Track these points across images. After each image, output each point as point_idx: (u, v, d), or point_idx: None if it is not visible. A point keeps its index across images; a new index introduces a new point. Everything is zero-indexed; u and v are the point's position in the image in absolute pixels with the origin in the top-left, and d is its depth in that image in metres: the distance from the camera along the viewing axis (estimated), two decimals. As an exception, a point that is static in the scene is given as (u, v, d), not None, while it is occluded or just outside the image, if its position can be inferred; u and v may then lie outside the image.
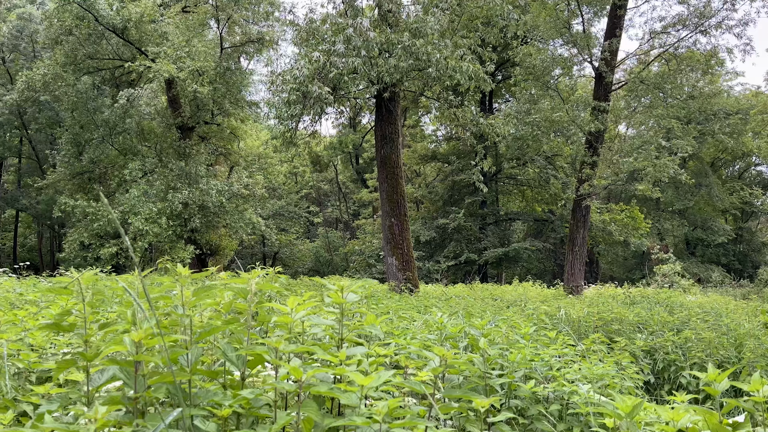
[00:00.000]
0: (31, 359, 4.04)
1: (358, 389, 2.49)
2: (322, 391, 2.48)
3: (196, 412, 2.59)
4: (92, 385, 2.87)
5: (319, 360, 3.17)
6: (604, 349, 6.44)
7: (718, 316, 12.86)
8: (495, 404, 2.93)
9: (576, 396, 4.45)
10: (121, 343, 2.55)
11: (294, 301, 3.02)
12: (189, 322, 2.82)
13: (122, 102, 27.71)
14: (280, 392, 2.99)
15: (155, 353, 2.57)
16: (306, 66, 15.54)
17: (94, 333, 2.88)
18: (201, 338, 2.86)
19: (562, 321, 9.16)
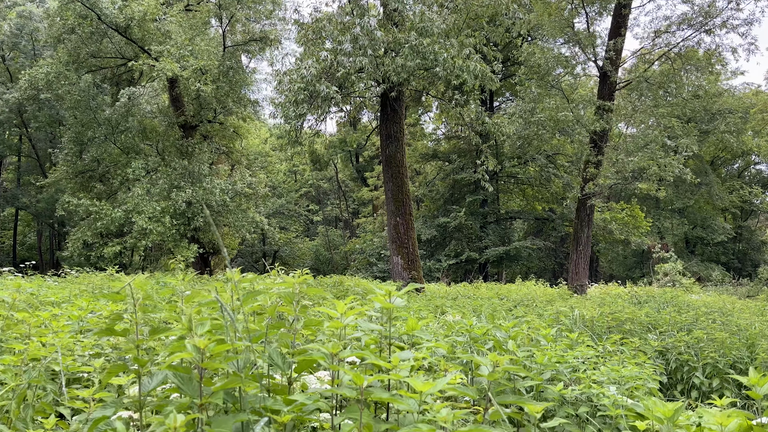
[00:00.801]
0: (68, 362, 4.04)
1: (418, 396, 2.50)
2: (384, 398, 2.49)
3: (255, 416, 2.59)
4: (143, 389, 2.88)
5: (369, 365, 3.17)
6: (626, 350, 6.45)
7: (725, 315, 12.88)
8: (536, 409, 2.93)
9: (605, 398, 4.45)
10: (182, 349, 2.55)
11: (343, 306, 3.03)
12: (244, 327, 2.82)
13: (124, 100, 27.67)
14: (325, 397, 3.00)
15: (213, 359, 2.56)
16: (314, 65, 15.54)
17: (144, 339, 2.88)
18: (256, 341, 2.87)
19: (577, 321, 9.16)
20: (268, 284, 3.30)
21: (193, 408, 2.81)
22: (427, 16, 16.65)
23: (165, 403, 2.82)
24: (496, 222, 46.20)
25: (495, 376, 2.74)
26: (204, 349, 2.38)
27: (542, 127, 20.65)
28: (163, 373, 2.86)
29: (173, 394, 3.05)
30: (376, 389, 2.63)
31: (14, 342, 4.38)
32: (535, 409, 2.67)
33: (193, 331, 2.67)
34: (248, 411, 2.64)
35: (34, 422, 3.64)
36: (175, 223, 26.13)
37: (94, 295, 8.50)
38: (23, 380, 3.63)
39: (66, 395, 3.45)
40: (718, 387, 9.24)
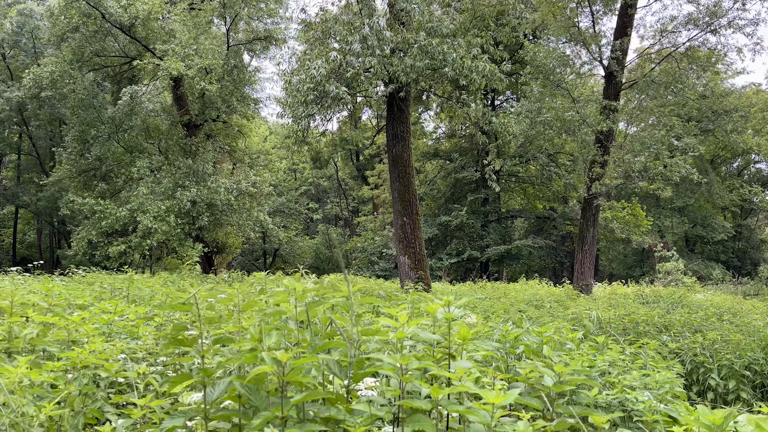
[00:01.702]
0: (114, 369, 4.06)
1: (490, 407, 2.52)
2: (460, 410, 2.50)
3: (321, 426, 2.61)
4: (207, 399, 2.89)
5: (427, 374, 3.18)
6: (651, 354, 6.47)
7: (736, 316, 12.92)
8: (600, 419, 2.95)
9: (640, 404, 4.44)
10: (254, 360, 2.57)
11: (405, 316, 3.04)
12: (308, 337, 2.84)
13: (126, 99, 27.64)
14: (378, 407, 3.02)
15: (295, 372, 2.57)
16: (323, 65, 15.53)
17: (208, 349, 2.89)
18: (317, 352, 2.88)
19: (594, 323, 9.19)
20: (334, 294, 3.30)
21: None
22: (435, 16, 16.66)
23: (232, 413, 2.83)
24: (497, 221, 46.24)
25: (563, 388, 2.76)
26: (286, 363, 2.39)
27: (548, 126, 20.68)
28: (225, 382, 2.88)
29: (225, 402, 3.06)
30: (447, 401, 2.65)
31: (54, 344, 4.39)
32: (601, 421, 2.69)
33: (263, 343, 2.68)
34: (318, 421, 2.66)
35: (85, 430, 3.65)
36: (180, 222, 26.11)
37: (130, 300, 8.54)
38: (75, 387, 3.64)
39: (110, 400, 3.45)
40: (734, 389, 9.25)
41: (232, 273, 21.50)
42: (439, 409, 2.58)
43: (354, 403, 2.88)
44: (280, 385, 2.47)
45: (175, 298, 7.53)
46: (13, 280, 14.26)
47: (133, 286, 9.45)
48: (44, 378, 3.41)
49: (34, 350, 4.22)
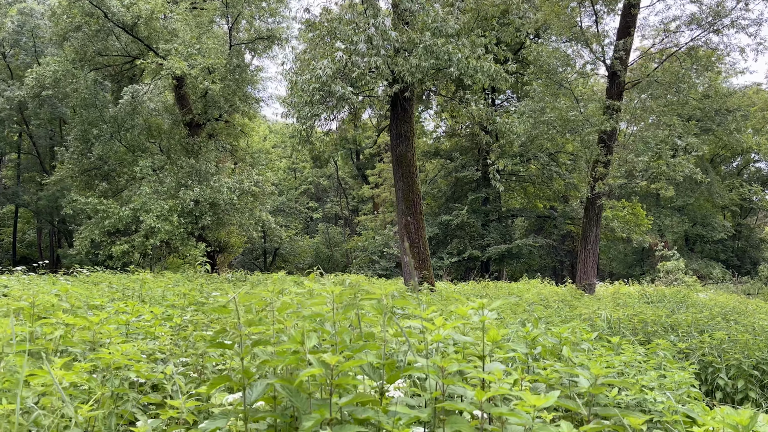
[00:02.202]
0: (143, 369, 4.09)
1: (532, 409, 2.55)
2: (504, 412, 2.54)
3: (361, 427, 2.65)
4: (246, 400, 2.93)
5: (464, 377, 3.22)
6: (668, 354, 6.51)
7: (741, 315, 12.97)
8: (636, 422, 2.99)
9: (659, 404, 4.48)
10: (296, 362, 2.61)
11: (441, 320, 3.08)
12: (342, 340, 2.87)
13: (127, 98, 27.64)
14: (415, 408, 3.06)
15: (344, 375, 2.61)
16: (329, 65, 15.56)
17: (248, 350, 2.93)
18: (355, 353, 2.92)
19: (604, 323, 9.23)
20: (366, 296, 3.33)
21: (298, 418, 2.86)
22: (440, 16, 16.69)
23: (268, 414, 2.87)
24: (498, 220, 46.31)
25: (602, 390, 2.80)
26: (334, 365, 2.43)
27: (552, 126, 20.72)
28: (263, 384, 2.91)
29: (257, 403, 3.10)
30: (487, 403, 2.68)
31: (77, 345, 4.42)
32: (637, 422, 2.73)
33: (305, 345, 2.72)
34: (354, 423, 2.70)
35: (117, 429, 3.68)
36: (183, 221, 26.14)
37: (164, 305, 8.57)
38: (107, 388, 3.68)
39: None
40: (742, 388, 9.29)
41: (235, 273, 21.53)
42: (471, 410, 2.61)
43: (391, 405, 2.91)
44: (328, 388, 2.50)
45: (192, 299, 7.57)
46: (19, 279, 14.30)
47: (145, 286, 9.48)
48: (78, 379, 3.44)
49: (63, 351, 4.25)
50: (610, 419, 2.95)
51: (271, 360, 2.90)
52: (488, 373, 2.88)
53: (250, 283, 18.17)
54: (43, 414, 3.12)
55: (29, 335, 4.92)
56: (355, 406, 2.58)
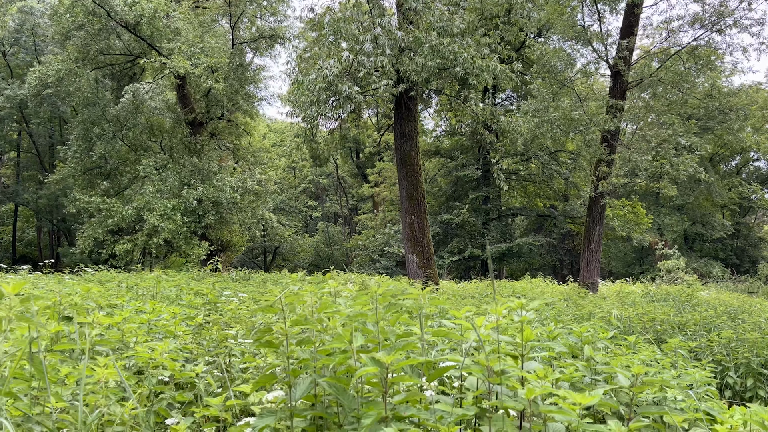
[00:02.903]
0: (177, 367, 4.14)
1: (577, 407, 2.61)
2: (552, 411, 2.59)
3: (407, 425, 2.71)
4: (292, 398, 2.98)
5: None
6: (685, 353, 6.56)
7: (742, 313, 13.04)
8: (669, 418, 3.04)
9: (682, 402, 4.52)
10: (345, 362, 2.66)
11: (482, 319, 3.14)
12: (391, 339, 2.93)
13: (128, 97, 27.65)
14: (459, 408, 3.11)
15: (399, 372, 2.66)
16: (335, 65, 15.61)
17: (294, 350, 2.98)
18: (397, 352, 2.97)
19: (619, 322, 9.29)
20: (405, 296, 3.38)
21: (342, 417, 2.92)
22: (446, 15, 16.75)
23: (315, 412, 2.92)
24: (498, 218, 46.39)
25: (644, 388, 2.85)
26: (389, 364, 2.48)
27: (556, 126, 20.79)
28: (306, 382, 2.96)
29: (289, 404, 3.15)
30: (536, 402, 2.74)
31: (109, 344, 4.47)
32: (678, 420, 2.79)
33: (352, 344, 2.77)
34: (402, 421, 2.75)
35: (156, 426, 3.74)
36: (186, 220, 26.17)
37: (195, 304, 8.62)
38: (146, 387, 3.74)
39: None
40: (751, 386, 9.35)
41: (239, 272, 21.56)
42: (520, 409, 2.67)
43: (434, 403, 2.96)
44: (383, 386, 2.56)
45: (214, 299, 7.64)
46: (25, 278, 14.32)
47: (158, 285, 9.53)
48: (118, 378, 3.50)
49: (90, 350, 4.30)
50: (649, 417, 3.00)
51: (319, 359, 2.95)
52: (528, 371, 2.93)
53: (256, 281, 18.22)
54: (86, 411, 3.17)
55: (54, 335, 4.97)
56: (405, 404, 2.63)
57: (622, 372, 3.03)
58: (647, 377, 2.98)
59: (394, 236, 45.99)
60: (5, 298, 2.38)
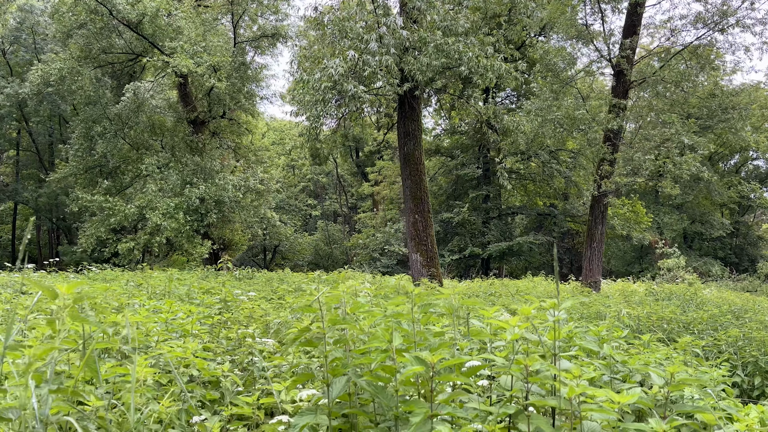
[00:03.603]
0: (205, 366, 4.18)
1: (617, 406, 2.65)
2: (593, 409, 2.63)
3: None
4: (330, 397, 3.02)
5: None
6: (699, 353, 6.61)
7: (746, 312, 13.10)
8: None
9: (700, 401, 4.55)
10: (384, 360, 2.70)
11: (516, 320, 3.18)
12: (429, 338, 2.98)
13: (129, 95, 27.66)
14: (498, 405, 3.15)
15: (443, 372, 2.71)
16: (341, 65, 15.63)
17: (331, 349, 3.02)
18: (437, 350, 3.01)
19: (628, 321, 9.34)
20: (437, 297, 3.42)
21: (387, 418, 2.96)
22: (450, 15, 16.78)
23: (354, 411, 2.96)
24: (498, 217, 46.44)
25: (680, 387, 2.89)
26: (435, 364, 2.52)
27: (559, 125, 20.84)
28: (342, 381, 3.00)
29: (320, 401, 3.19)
30: (575, 401, 2.77)
31: (137, 342, 4.50)
32: (711, 419, 2.83)
33: (392, 344, 2.81)
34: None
35: (189, 424, 3.77)
36: (189, 219, 26.19)
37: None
38: (177, 385, 3.77)
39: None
40: (759, 385, 9.39)
41: (241, 270, 21.56)
42: (562, 408, 2.71)
43: (468, 401, 3.01)
44: (429, 384, 2.60)
45: (231, 298, 7.67)
46: (30, 278, 14.33)
47: (170, 284, 9.56)
48: (154, 376, 3.54)
49: (120, 350, 4.34)
50: (681, 415, 3.05)
51: (355, 358, 2.99)
52: (563, 371, 2.97)
53: (260, 280, 18.24)
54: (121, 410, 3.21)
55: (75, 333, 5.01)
56: (451, 403, 2.68)
57: (655, 371, 3.07)
58: (682, 376, 3.02)
59: (395, 235, 46.03)
60: (60, 298, 2.41)
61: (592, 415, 2.69)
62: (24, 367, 2.05)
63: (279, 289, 10.85)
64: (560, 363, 3.24)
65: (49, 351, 2.16)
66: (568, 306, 3.28)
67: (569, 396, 2.60)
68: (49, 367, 2.17)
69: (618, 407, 2.66)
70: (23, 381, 2.10)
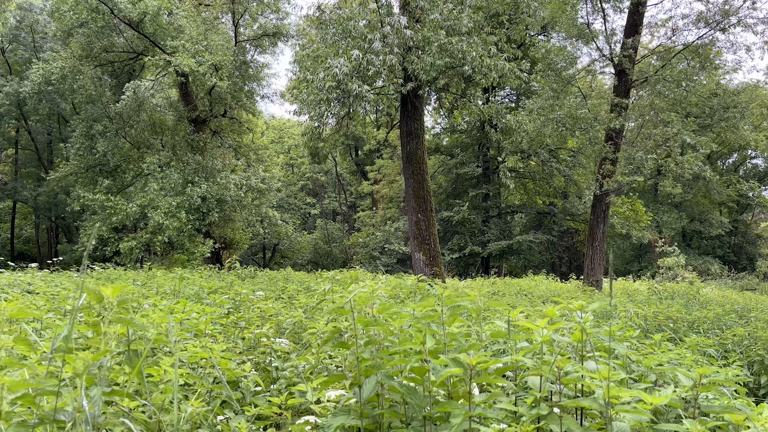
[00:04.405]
0: (228, 366, 4.21)
1: (651, 407, 2.69)
2: (627, 409, 2.67)
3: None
4: (361, 397, 3.05)
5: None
6: (713, 353, 6.65)
7: (751, 311, 13.16)
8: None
9: (716, 401, 4.57)
10: (419, 361, 2.74)
11: (544, 322, 3.21)
12: (460, 341, 3.01)
13: (129, 94, 27.66)
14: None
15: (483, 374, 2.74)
16: (345, 64, 15.65)
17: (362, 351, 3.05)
18: (462, 353, 3.04)
19: (639, 320, 9.37)
20: (462, 299, 3.44)
21: (416, 418, 2.99)
22: (454, 14, 16.80)
23: (386, 412, 2.99)
24: (498, 216, 46.49)
25: (711, 388, 2.92)
26: (474, 365, 2.55)
27: (562, 124, 20.89)
28: (372, 382, 3.03)
29: (347, 402, 3.22)
30: (608, 402, 2.81)
31: (160, 342, 4.53)
32: (740, 419, 2.86)
33: (425, 346, 2.84)
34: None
35: (213, 424, 3.80)
36: (191, 218, 26.20)
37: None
38: (205, 385, 3.80)
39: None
40: (765, 384, 9.43)
41: (244, 269, 21.57)
42: (598, 409, 2.74)
43: (496, 402, 3.03)
44: (467, 386, 2.63)
45: (246, 297, 7.70)
46: (34, 276, 14.34)
47: (181, 283, 9.58)
48: (184, 377, 3.57)
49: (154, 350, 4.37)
50: (709, 416, 3.08)
51: (383, 359, 3.02)
52: (593, 372, 3.00)
53: (263, 279, 18.26)
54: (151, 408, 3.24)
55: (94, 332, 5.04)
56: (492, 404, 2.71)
57: (683, 372, 3.10)
58: (710, 377, 3.05)
59: (395, 233, 46.07)
60: (106, 300, 2.44)
61: (625, 416, 2.72)
62: (82, 369, 2.07)
63: (288, 288, 10.86)
64: (588, 364, 3.28)
65: (103, 354, 2.19)
66: (595, 308, 3.31)
67: (605, 397, 2.63)
68: (100, 370, 2.20)
69: (651, 408, 2.69)
70: (73, 384, 2.13)
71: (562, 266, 55.45)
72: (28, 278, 12.90)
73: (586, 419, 3.22)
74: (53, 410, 1.97)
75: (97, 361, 2.15)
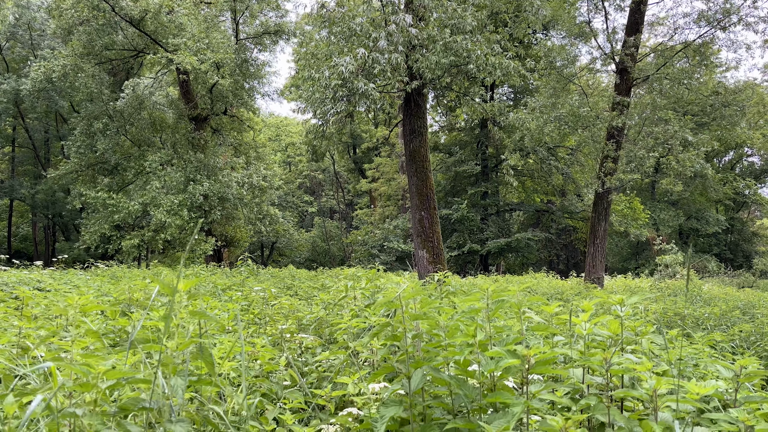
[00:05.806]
0: (267, 360, 4.29)
1: (698, 396, 2.77)
2: (679, 400, 2.75)
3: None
4: (411, 389, 3.14)
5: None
6: (727, 347, 6.74)
7: (754, 308, 13.29)
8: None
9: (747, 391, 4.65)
10: (469, 354, 2.82)
11: (586, 316, 3.30)
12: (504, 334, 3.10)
13: (129, 92, 27.67)
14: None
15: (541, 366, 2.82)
16: (350, 62, 15.71)
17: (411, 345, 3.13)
18: (508, 346, 3.13)
19: (642, 316, 9.47)
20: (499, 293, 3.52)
21: (464, 411, 3.07)
22: (458, 12, 16.87)
23: (436, 403, 3.08)
24: (497, 214, 46.64)
25: (752, 380, 3.01)
26: (530, 357, 2.64)
27: (564, 122, 20.99)
28: (419, 375, 3.12)
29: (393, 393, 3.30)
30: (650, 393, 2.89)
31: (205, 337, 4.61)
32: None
33: (475, 338, 2.93)
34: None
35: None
36: (193, 216, 26.24)
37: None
38: (248, 378, 3.89)
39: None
40: (773, 380, 9.51)
41: (247, 267, 21.62)
42: (645, 398, 2.83)
43: (540, 396, 3.12)
44: (524, 378, 2.72)
45: (271, 296, 7.79)
46: (42, 274, 14.39)
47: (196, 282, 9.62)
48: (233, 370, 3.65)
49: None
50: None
51: (431, 351, 3.11)
52: (636, 364, 3.09)
53: (268, 276, 18.33)
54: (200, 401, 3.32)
55: (118, 330, 5.12)
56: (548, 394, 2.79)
57: (725, 364, 3.19)
58: (751, 370, 3.15)
59: (393, 231, 46.16)
60: (178, 294, 2.51)
61: (671, 405, 2.81)
62: (169, 359, 2.15)
63: (300, 286, 10.95)
64: (628, 356, 3.37)
65: (189, 345, 2.27)
66: (635, 302, 3.40)
67: (656, 388, 2.72)
68: (185, 360, 2.28)
69: (697, 398, 2.78)
70: (153, 372, 2.21)
71: (559, 264, 55.63)
72: (36, 276, 12.97)
73: (625, 410, 3.31)
74: (146, 399, 2.05)
75: (182, 351, 2.22)
